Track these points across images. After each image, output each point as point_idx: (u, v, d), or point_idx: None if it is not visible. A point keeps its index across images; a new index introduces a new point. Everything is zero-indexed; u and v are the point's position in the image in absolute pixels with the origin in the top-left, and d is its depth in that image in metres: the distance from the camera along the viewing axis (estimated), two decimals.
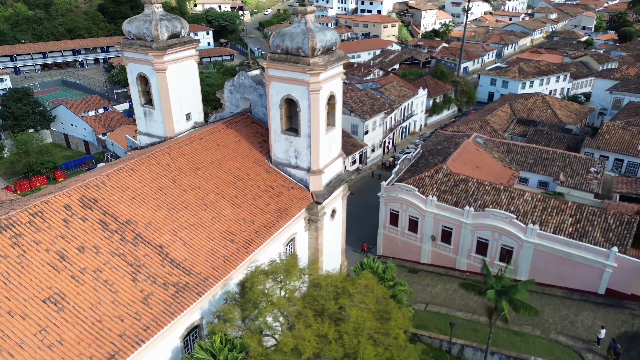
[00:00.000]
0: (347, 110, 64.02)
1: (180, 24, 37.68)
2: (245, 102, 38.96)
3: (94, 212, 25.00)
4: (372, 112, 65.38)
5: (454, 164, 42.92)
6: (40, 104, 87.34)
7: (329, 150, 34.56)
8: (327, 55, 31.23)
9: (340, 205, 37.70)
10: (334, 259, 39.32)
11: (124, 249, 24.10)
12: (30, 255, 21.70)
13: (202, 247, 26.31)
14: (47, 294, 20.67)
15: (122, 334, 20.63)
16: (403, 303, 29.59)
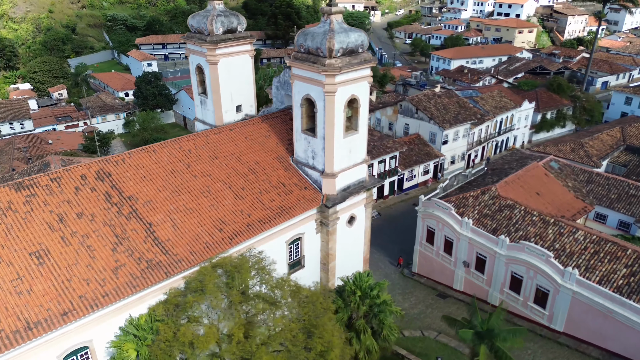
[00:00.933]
0: (426, 117, 61.17)
1: (237, 20, 39.75)
2: (289, 99, 39.71)
3: (104, 184, 28.05)
4: (454, 121, 61.38)
5: (507, 187, 38.46)
6: (166, 87, 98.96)
7: (348, 155, 33.69)
8: (348, 57, 30.43)
9: (362, 212, 36.48)
10: (353, 267, 38.18)
11: (116, 220, 26.68)
12: (35, 213, 25.29)
13: (189, 231, 27.87)
14: (34, 249, 23.97)
15: (82, 296, 23.07)
16: (385, 324, 27.78)
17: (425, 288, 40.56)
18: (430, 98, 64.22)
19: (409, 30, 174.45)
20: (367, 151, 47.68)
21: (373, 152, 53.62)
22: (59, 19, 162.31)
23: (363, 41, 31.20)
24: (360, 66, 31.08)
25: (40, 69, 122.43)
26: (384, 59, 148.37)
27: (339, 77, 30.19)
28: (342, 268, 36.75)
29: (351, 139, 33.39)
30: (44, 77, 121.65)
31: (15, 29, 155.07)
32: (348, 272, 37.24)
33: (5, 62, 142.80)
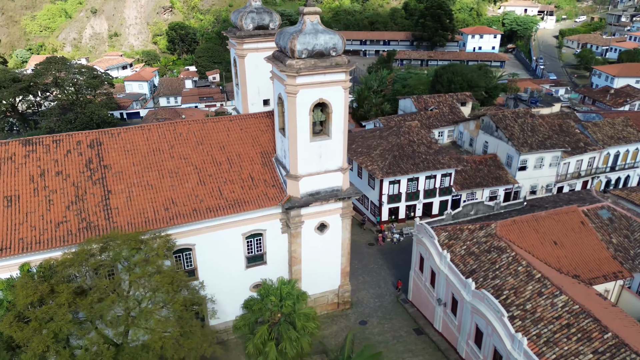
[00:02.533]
0: (504, 137, 54.27)
1: (269, 17, 41.36)
2: None
3: (91, 151, 32.65)
4: (538, 146, 53.06)
5: (513, 227, 32.35)
6: None
7: (317, 159, 32.65)
8: (314, 59, 29.52)
9: (337, 222, 34.89)
10: (330, 277, 36.87)
11: (84, 183, 30.96)
12: (27, 165, 30.93)
13: (138, 205, 30.76)
14: (10, 193, 29.48)
15: (21, 239, 27.69)
16: (287, 336, 26.68)
17: (408, 319, 36.92)
18: (520, 116, 56.36)
19: (584, 40, 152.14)
20: (416, 163, 44.91)
21: (420, 165, 49.91)
22: (227, 12, 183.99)
23: (336, 44, 29.85)
24: (329, 70, 29.85)
25: (204, 55, 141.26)
26: (538, 69, 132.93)
27: (300, 78, 29.57)
28: (315, 275, 36.00)
29: (322, 144, 32.30)
30: (205, 62, 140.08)
31: (200, 19, 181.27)
32: (323, 280, 36.45)
33: (187, 47, 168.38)
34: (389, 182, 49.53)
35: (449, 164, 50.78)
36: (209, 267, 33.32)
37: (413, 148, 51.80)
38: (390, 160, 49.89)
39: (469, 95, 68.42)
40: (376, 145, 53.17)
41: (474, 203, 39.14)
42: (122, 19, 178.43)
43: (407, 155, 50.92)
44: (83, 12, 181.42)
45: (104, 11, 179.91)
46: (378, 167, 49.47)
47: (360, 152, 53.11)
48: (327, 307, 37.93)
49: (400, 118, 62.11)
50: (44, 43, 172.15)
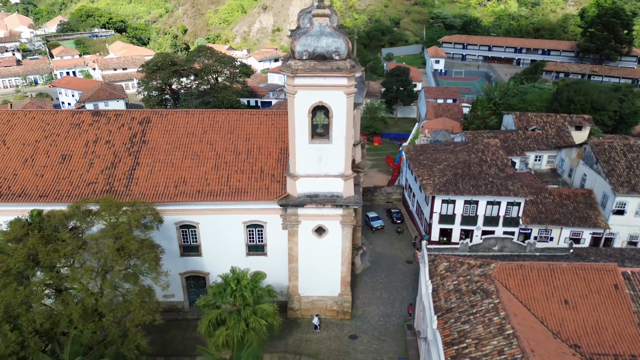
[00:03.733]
0: (602, 171, 45.89)
1: None
2: None
3: (139, 127, 37.78)
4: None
5: (518, 273, 27.36)
6: (410, 82, 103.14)
7: (317, 162, 32.44)
8: (314, 61, 29.43)
9: (336, 229, 34.09)
10: (330, 284, 36.30)
11: (122, 153, 36.07)
12: (88, 132, 37.32)
13: (154, 179, 34.65)
14: (67, 152, 35.97)
15: (59, 190, 33.65)
16: (232, 325, 27.54)
17: (401, 345, 34.20)
18: (632, 150, 46.48)
19: None
20: (477, 185, 41.55)
21: (482, 188, 45.07)
22: (389, 13, 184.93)
23: (338, 48, 29.25)
24: (329, 73, 29.46)
25: None
26: None
27: (298, 79, 29.85)
28: (313, 277, 36.10)
29: (321, 147, 32.01)
30: None
31: (355, 18, 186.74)
32: (321, 284, 36.41)
33: None
34: (441, 201, 46.02)
35: (518, 191, 44.90)
36: (212, 247, 35.91)
37: (482, 168, 47.06)
38: (449, 177, 46.20)
39: (588, 119, 58.59)
40: (443, 160, 49.66)
41: (499, 238, 33.99)
42: (286, 15, 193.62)
43: (472, 175, 46.50)
44: (256, 8, 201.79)
45: (273, 8, 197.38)
46: (432, 182, 46.28)
47: (425, 164, 50.18)
48: (325, 312, 37.50)
49: (491, 135, 56.46)
50: (219, 34, 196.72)
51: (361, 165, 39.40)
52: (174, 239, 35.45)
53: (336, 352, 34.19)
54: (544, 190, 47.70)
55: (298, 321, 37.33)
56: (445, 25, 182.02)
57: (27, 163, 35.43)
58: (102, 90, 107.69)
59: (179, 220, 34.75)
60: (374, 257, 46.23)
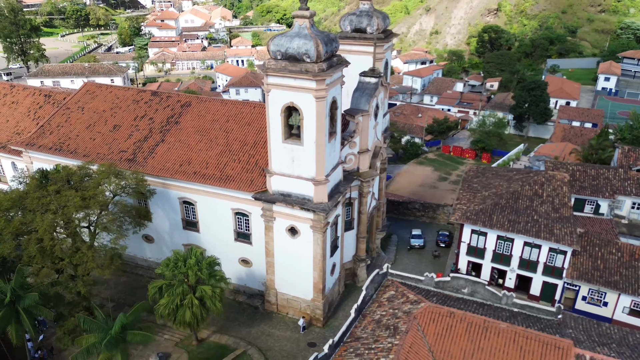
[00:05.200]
0: None
1: (367, 21, 40.69)
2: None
3: (180, 109, 42.26)
4: None
5: (445, 321, 23.31)
6: (545, 100, 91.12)
7: (290, 163, 32.55)
8: (285, 62, 29.59)
9: (308, 232, 33.56)
10: (304, 288, 35.99)
11: (156, 129, 41.05)
12: (141, 108, 43.41)
13: (169, 156, 38.73)
14: (119, 123, 42.51)
15: (99, 153, 40.20)
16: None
17: None
18: None
19: None
20: (516, 220, 37.75)
21: (519, 225, 38.76)
22: (566, 20, 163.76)
23: (308, 50, 28.85)
24: (298, 75, 29.33)
25: (493, 61, 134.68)
26: None
27: (270, 78, 30.47)
28: (288, 276, 36.53)
29: (294, 148, 32.01)
30: (492, 68, 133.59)
31: (524, 24, 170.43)
32: (295, 284, 36.75)
33: (496, 51, 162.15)
34: (471, 230, 41.11)
35: (563, 237, 37.57)
36: (207, 226, 38.82)
37: (531, 203, 40.55)
38: (487, 206, 40.96)
39: None
40: (495, 186, 44.07)
41: (470, 280, 28.53)
42: (448, 18, 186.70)
43: (515, 208, 40.42)
44: (420, 10, 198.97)
45: (436, 10, 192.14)
46: (465, 208, 41.60)
47: (473, 188, 45.12)
48: (299, 312, 37.35)
49: (579, 167, 47.51)
50: None
51: (365, 175, 37.72)
52: (178, 212, 39.35)
53: (286, 353, 34.10)
54: (611, 244, 38.86)
55: (274, 315, 38.03)
56: (636, 38, 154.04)
57: (90, 128, 43.04)
58: (245, 78, 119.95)
59: (181, 196, 38.44)
60: None
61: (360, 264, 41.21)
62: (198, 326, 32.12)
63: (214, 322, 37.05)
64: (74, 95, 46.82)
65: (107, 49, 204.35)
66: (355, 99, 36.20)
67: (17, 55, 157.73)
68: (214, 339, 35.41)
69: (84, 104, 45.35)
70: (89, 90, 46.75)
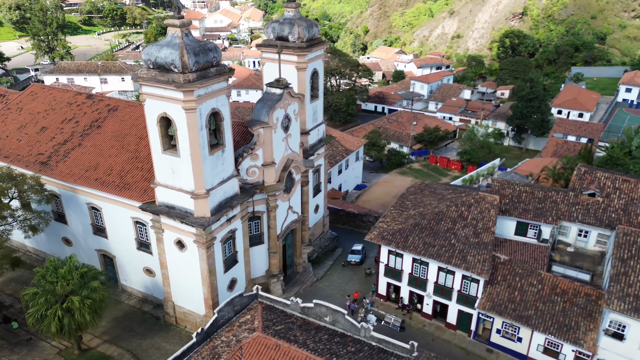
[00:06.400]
0: None
1: (289, 29, 39.35)
2: None
3: (107, 113, 42.10)
4: None
5: (271, 354, 21.78)
6: (545, 110, 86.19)
7: (171, 174, 31.73)
8: (156, 71, 28.79)
9: (193, 247, 32.59)
10: (197, 302, 35.01)
11: (78, 133, 41.17)
12: (71, 110, 43.73)
13: (79, 161, 38.67)
14: (47, 125, 43.04)
15: (19, 155, 40.79)
16: None
17: None
18: None
19: None
20: (431, 244, 36.49)
21: (433, 249, 36.23)
22: (596, 26, 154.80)
23: (174, 60, 27.90)
24: (163, 85, 28.47)
25: (508, 68, 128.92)
26: None
27: (144, 87, 29.78)
28: (182, 289, 35.77)
29: (172, 159, 31.16)
30: (506, 75, 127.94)
31: (550, 29, 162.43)
32: (189, 298, 35.93)
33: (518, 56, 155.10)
34: (388, 251, 38.95)
35: (474, 266, 34.90)
36: (114, 233, 38.57)
37: (453, 225, 37.99)
38: (407, 226, 38.69)
39: None
40: (424, 204, 41.66)
41: (331, 309, 26.38)
42: (471, 21, 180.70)
43: (436, 230, 37.97)
44: (444, 13, 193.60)
45: (460, 13, 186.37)
46: (383, 227, 39.45)
47: (405, 205, 42.85)
48: (195, 327, 36.35)
49: (526, 189, 44.08)
50: (399, 37, 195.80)
51: (269, 189, 36.33)
52: (88, 217, 39.34)
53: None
54: (534, 274, 35.78)
55: (172, 327, 37.30)
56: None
57: (20, 129, 43.78)
58: (247, 79, 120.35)
59: (88, 201, 38.36)
60: (307, 293, 42.13)
61: (273, 279, 39.84)
62: (70, 337, 31.81)
63: (109, 330, 36.87)
64: (18, 96, 47.87)
65: (135, 47, 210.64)
66: (256, 110, 34.93)
67: (45, 52, 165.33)
68: (101, 348, 35.07)
69: (24, 105, 46.22)
70: (33, 92, 47.63)
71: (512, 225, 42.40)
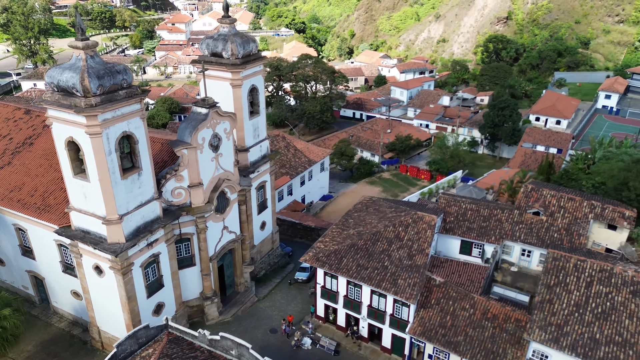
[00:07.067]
0: None
1: (222, 45, 38.45)
2: None
3: (42, 130, 41.10)
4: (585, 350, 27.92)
5: None
6: (516, 119, 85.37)
7: (83, 199, 30.75)
8: (60, 94, 27.85)
9: (110, 273, 31.62)
10: (117, 325, 33.98)
11: (10, 150, 39.99)
12: (8, 126, 42.77)
13: (6, 180, 37.56)
14: None
15: None
16: None
17: None
18: (595, 273, 29.78)
19: None
20: (364, 266, 35.87)
21: (364, 272, 35.29)
22: (580, 31, 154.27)
23: (75, 84, 26.98)
24: (65, 109, 27.53)
25: (487, 74, 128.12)
26: None
27: (49, 111, 28.91)
28: (105, 314, 34.67)
29: (83, 184, 30.24)
30: (486, 81, 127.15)
31: (535, 34, 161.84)
32: (114, 324, 34.84)
33: (503, 61, 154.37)
34: (324, 273, 38.03)
35: (404, 290, 33.97)
36: (40, 254, 37.54)
37: (389, 246, 37.08)
38: (342, 247, 37.78)
39: (629, 217, 39.46)
40: (365, 223, 40.74)
41: (236, 342, 25.30)
42: (457, 25, 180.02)
43: (371, 251, 37.07)
44: (430, 17, 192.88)
45: (446, 17, 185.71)
46: (320, 248, 38.54)
47: (348, 224, 41.88)
48: None
49: (472, 207, 43.18)
50: (385, 41, 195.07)
51: (196, 211, 35.35)
52: (15, 238, 38.32)
53: None
54: (467, 298, 34.89)
55: (98, 352, 36.27)
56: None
57: None
58: None
59: (14, 222, 37.33)
60: (245, 314, 41.16)
61: (207, 302, 38.85)
62: None
63: (33, 356, 35.89)
64: None
65: (121, 51, 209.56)
66: (180, 130, 33.97)
67: (27, 56, 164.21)
68: None
69: None
70: None
71: (457, 244, 41.64)
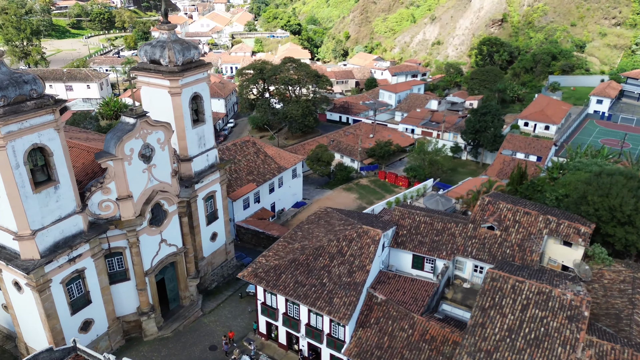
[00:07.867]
0: None
1: (160, 52, 37.19)
2: None
3: None
4: None
5: None
6: (498, 125, 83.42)
7: None
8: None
9: (26, 287, 30.39)
10: (42, 342, 32.75)
11: None
12: None
13: None
14: None
15: None
16: None
17: None
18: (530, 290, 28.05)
19: None
20: (301, 283, 35.02)
21: (301, 289, 33.73)
22: (575, 34, 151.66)
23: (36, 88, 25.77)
24: (27, 116, 26.47)
25: (478, 77, 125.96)
26: None
27: None
28: (32, 332, 33.43)
29: (51, 192, 29.06)
30: (476, 85, 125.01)
31: (530, 36, 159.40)
32: (40, 342, 33.56)
33: (497, 64, 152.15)
34: (263, 290, 36.56)
35: (339, 310, 32.39)
36: None
37: (330, 262, 35.54)
38: (283, 262, 36.28)
39: (584, 233, 37.57)
40: (312, 237, 39.22)
41: None
42: (452, 28, 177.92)
43: (311, 267, 35.55)
44: (426, 19, 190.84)
45: (441, 19, 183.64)
46: (261, 263, 37.07)
47: (296, 236, 40.34)
48: None
49: (426, 220, 41.49)
50: (380, 43, 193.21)
51: (125, 225, 34.00)
52: None
53: None
54: (407, 318, 33.27)
55: None
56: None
57: None
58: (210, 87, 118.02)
59: None
60: (187, 330, 39.80)
61: (143, 317, 37.49)
62: None
63: None
64: None
65: (116, 52, 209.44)
66: (106, 141, 32.64)
67: (19, 58, 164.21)
68: None
69: None
70: None
71: (409, 259, 40.10)
